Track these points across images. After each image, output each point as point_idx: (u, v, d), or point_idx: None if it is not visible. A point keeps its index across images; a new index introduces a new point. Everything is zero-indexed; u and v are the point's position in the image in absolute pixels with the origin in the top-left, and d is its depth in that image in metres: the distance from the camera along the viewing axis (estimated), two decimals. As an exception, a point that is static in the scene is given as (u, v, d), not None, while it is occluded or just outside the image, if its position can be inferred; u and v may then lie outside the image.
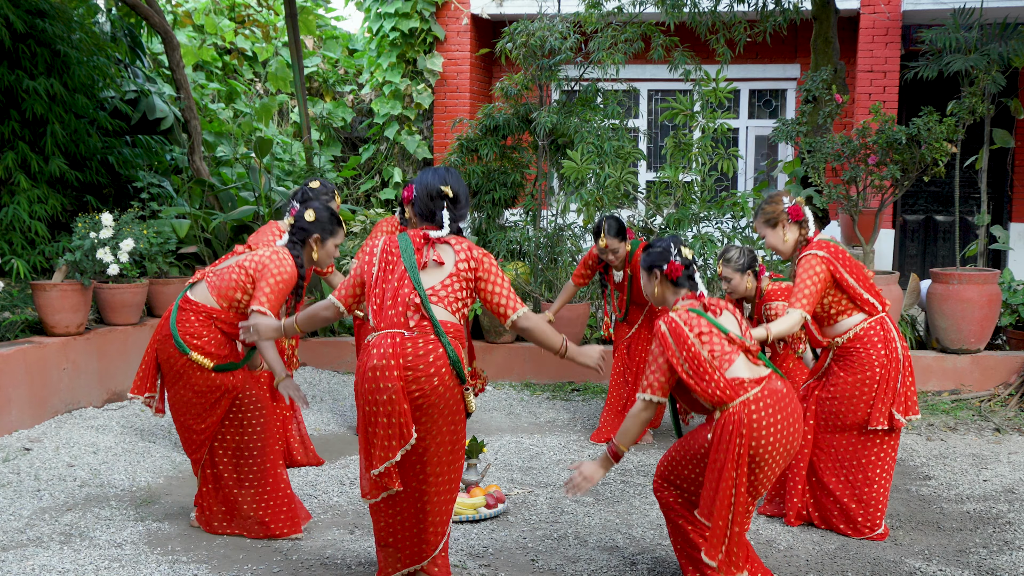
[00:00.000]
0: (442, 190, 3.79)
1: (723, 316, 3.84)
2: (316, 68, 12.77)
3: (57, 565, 4.14)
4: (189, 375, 4.31)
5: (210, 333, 4.31)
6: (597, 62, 8.17)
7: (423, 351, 3.59)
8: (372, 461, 3.60)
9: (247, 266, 4.32)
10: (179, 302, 4.38)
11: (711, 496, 3.66)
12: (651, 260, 3.95)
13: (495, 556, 4.35)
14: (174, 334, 4.30)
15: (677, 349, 3.72)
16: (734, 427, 3.63)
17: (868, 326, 4.56)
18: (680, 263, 3.89)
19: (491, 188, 8.90)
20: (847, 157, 7.43)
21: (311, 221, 4.41)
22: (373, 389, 3.58)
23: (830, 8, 8.00)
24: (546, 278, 8.05)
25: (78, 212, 7.84)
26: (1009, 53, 7.53)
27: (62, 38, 7.81)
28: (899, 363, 4.57)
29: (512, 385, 7.72)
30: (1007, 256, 10.84)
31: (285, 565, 4.22)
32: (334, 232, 4.48)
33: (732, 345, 3.75)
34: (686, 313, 3.79)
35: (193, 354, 4.27)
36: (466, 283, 3.73)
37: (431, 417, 3.61)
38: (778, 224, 4.60)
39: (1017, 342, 7.49)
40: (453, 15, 11.77)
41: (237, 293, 4.32)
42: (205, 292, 4.36)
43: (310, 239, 4.42)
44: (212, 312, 4.32)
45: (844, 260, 4.54)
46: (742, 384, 3.68)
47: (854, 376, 4.56)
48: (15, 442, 5.74)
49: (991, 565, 4.28)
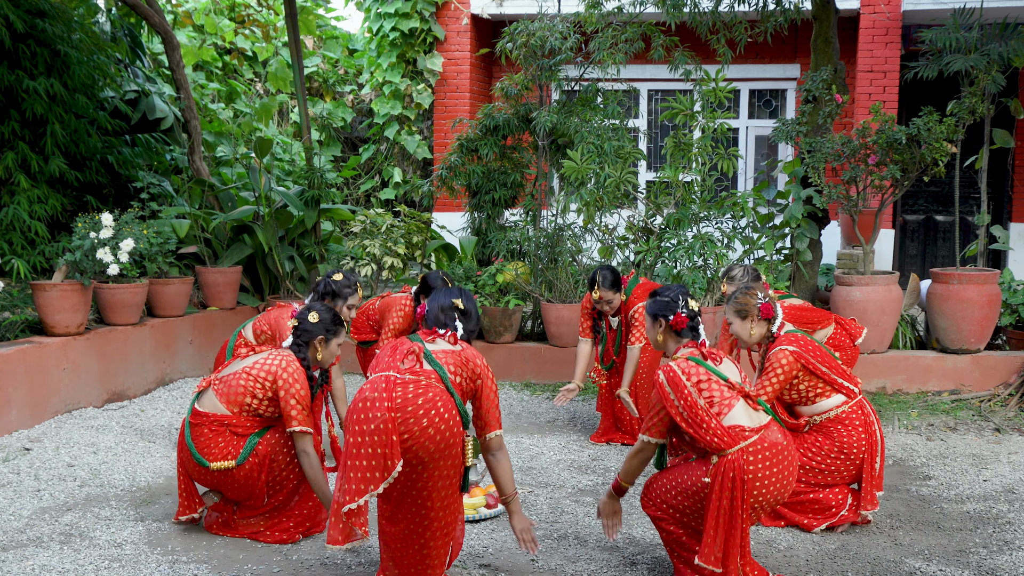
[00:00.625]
0: (454, 303, 3.90)
1: (723, 364, 3.93)
2: (316, 68, 12.78)
3: (57, 565, 4.14)
4: (221, 477, 4.42)
5: (225, 440, 4.40)
6: (598, 62, 8.17)
7: (412, 394, 3.55)
8: (344, 496, 3.50)
9: (254, 373, 4.39)
10: (189, 417, 4.46)
11: (718, 542, 3.69)
12: (657, 309, 4.07)
13: (495, 556, 4.35)
14: (192, 452, 4.40)
15: (675, 398, 3.79)
16: (735, 474, 3.70)
17: (850, 410, 4.69)
18: (686, 316, 4.01)
19: (491, 188, 8.90)
20: (847, 157, 7.43)
21: (314, 323, 4.50)
22: (361, 420, 3.52)
23: (830, 8, 8.00)
24: (546, 278, 8.05)
25: (78, 212, 7.84)
26: (1009, 53, 7.53)
27: (62, 38, 7.81)
28: (877, 446, 4.70)
29: (512, 385, 7.72)
30: (1007, 256, 10.84)
31: (285, 565, 4.22)
32: (336, 333, 4.57)
33: (732, 391, 3.83)
34: (685, 362, 3.87)
35: (213, 464, 4.37)
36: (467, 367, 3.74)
37: (422, 460, 3.55)
38: (748, 317, 4.69)
39: (1017, 342, 7.49)
40: (453, 15, 11.77)
41: (246, 398, 4.40)
42: (214, 401, 4.44)
43: (314, 340, 4.50)
44: (224, 419, 4.40)
45: (813, 352, 4.67)
46: (741, 432, 3.75)
47: (831, 445, 4.68)
48: (15, 442, 5.74)
49: (991, 565, 4.28)
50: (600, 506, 4.12)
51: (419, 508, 3.63)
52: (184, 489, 4.56)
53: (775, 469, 3.77)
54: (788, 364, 4.59)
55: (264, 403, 4.41)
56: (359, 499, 3.49)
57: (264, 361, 4.42)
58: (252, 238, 8.71)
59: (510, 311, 7.81)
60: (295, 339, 4.50)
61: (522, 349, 7.87)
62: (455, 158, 9.07)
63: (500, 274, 7.96)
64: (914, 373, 7.32)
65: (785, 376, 4.61)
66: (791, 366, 4.60)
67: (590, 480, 5.48)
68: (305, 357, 4.49)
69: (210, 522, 4.60)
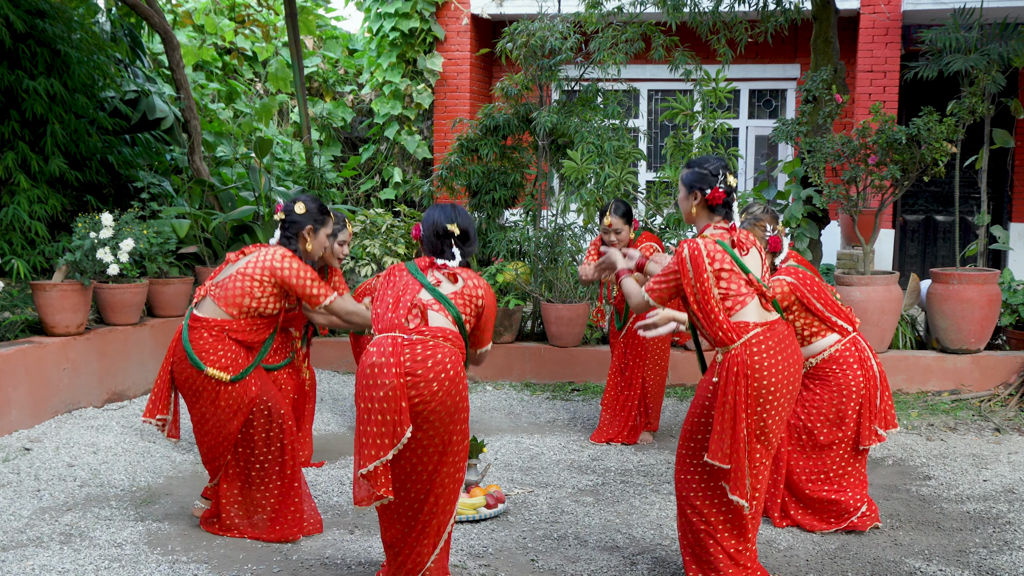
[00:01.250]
0: (448, 228, 3.80)
1: (749, 255, 3.80)
2: (316, 68, 12.77)
3: (57, 565, 4.14)
4: (208, 391, 4.34)
5: (224, 347, 4.33)
6: (598, 62, 8.17)
7: (421, 356, 3.58)
8: (361, 460, 3.58)
9: (249, 272, 4.34)
10: (188, 321, 4.40)
11: (724, 436, 3.63)
12: (693, 180, 3.89)
13: (495, 556, 4.35)
14: (189, 353, 4.32)
15: (693, 277, 3.70)
16: (739, 368, 3.64)
17: (843, 347, 4.66)
18: (723, 191, 3.83)
19: (491, 188, 8.90)
20: (847, 157, 7.43)
21: (302, 213, 4.47)
22: (370, 386, 3.57)
23: (830, 8, 8.00)
24: (546, 278, 8.05)
25: (78, 212, 7.84)
26: (1009, 53, 7.53)
27: (62, 38, 7.81)
28: (875, 380, 4.66)
29: (512, 385, 7.72)
30: (1007, 256, 10.84)
31: (285, 565, 4.22)
32: (324, 222, 4.56)
33: (749, 287, 3.73)
34: (713, 244, 3.73)
35: (209, 370, 4.30)
36: (472, 304, 3.74)
37: (431, 423, 3.60)
38: None
39: (1017, 342, 7.49)
40: (453, 15, 11.77)
41: (245, 299, 4.34)
42: (213, 306, 4.37)
43: (302, 231, 4.47)
44: (224, 324, 4.34)
45: (810, 286, 4.63)
46: (746, 327, 3.69)
47: (831, 394, 4.64)
48: (15, 442, 5.74)
49: (991, 565, 4.28)
50: (607, 259, 4.23)
51: (426, 468, 3.66)
52: (158, 391, 4.47)
53: (779, 357, 3.70)
54: (782, 292, 4.54)
55: (265, 299, 4.35)
56: (370, 465, 3.54)
57: (257, 259, 4.36)
58: (252, 238, 8.71)
59: (510, 311, 7.81)
60: (283, 232, 4.47)
61: (522, 349, 7.87)
62: (455, 158, 9.07)
63: (500, 274, 7.96)
64: (914, 373, 7.31)
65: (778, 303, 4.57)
66: (784, 295, 4.54)
67: (590, 480, 5.48)
68: (296, 249, 4.45)
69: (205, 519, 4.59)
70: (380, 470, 3.57)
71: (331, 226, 4.62)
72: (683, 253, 3.73)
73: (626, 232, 6.00)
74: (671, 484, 5.41)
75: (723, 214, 3.87)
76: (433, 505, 3.71)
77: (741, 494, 3.67)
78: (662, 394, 6.26)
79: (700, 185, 3.86)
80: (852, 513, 4.63)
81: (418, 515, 3.71)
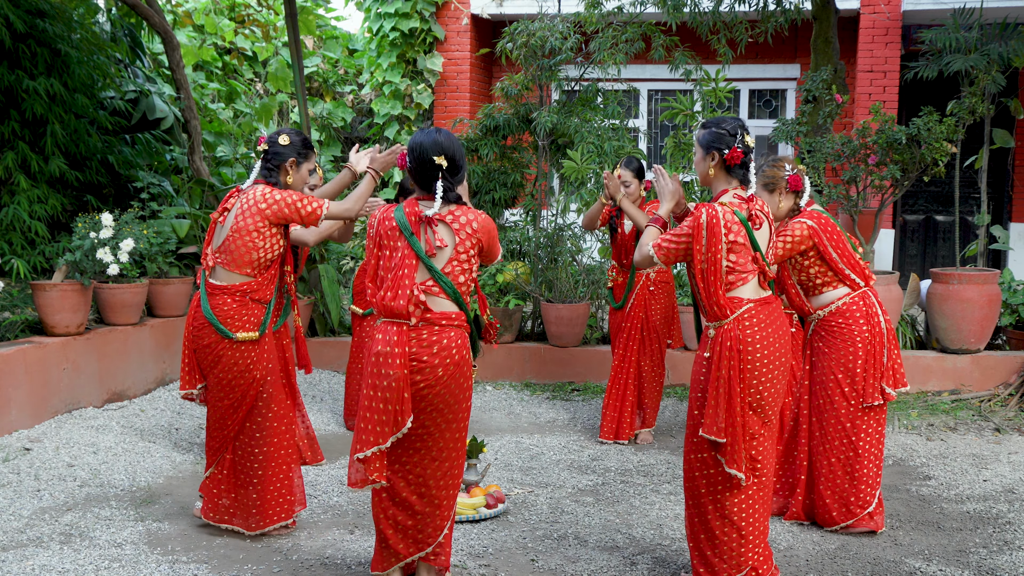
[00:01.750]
0: (435, 161, 3.64)
1: (761, 229, 3.77)
2: (316, 68, 12.77)
3: (57, 565, 4.14)
4: (228, 357, 4.36)
5: (247, 310, 4.35)
6: (599, 62, 8.17)
7: (427, 342, 3.62)
8: (360, 445, 3.62)
9: (242, 225, 4.29)
10: (205, 289, 4.36)
11: (719, 410, 3.63)
12: (711, 140, 3.82)
13: (495, 556, 4.35)
14: (213, 322, 4.31)
15: (706, 244, 3.66)
16: (731, 343, 3.65)
17: (851, 300, 4.60)
18: (742, 151, 3.78)
19: (491, 188, 8.90)
20: (847, 157, 7.43)
21: (285, 145, 4.42)
22: (376, 374, 3.62)
23: (830, 8, 8.00)
24: (546, 278, 8.05)
25: (78, 212, 7.84)
26: (1009, 53, 7.53)
27: (62, 38, 7.80)
28: (883, 337, 4.60)
29: (512, 385, 7.72)
30: (1007, 256, 10.84)
31: (285, 565, 4.22)
32: (307, 156, 4.51)
33: (754, 265, 3.73)
34: (731, 214, 3.69)
35: (239, 334, 4.32)
36: (468, 263, 3.68)
37: (436, 406, 3.66)
38: (776, 190, 4.56)
39: (1017, 342, 7.49)
40: (453, 15, 11.77)
41: (253, 253, 4.32)
42: (227, 273, 4.36)
43: (285, 163, 4.44)
44: (244, 287, 4.33)
45: (830, 234, 4.56)
46: (740, 302, 3.69)
47: (837, 352, 4.60)
48: (15, 442, 5.74)
49: (991, 565, 4.28)
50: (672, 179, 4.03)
51: (427, 451, 3.71)
52: (188, 363, 4.48)
53: (770, 330, 3.70)
54: (800, 235, 4.49)
55: (271, 242, 4.32)
56: (368, 450, 3.59)
57: (241, 209, 4.31)
58: (252, 238, 8.70)
59: (510, 311, 7.81)
60: (264, 163, 4.42)
61: (522, 349, 7.87)
62: (455, 158, 9.05)
63: (500, 274, 7.96)
64: (914, 373, 7.31)
65: (793, 246, 4.50)
66: (802, 237, 4.49)
67: (590, 480, 5.48)
68: (276, 182, 4.41)
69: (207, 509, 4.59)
70: (376, 455, 3.61)
71: (313, 161, 4.55)
72: (701, 218, 3.67)
73: (635, 187, 6.02)
74: (671, 484, 5.41)
75: (741, 176, 3.81)
76: (437, 483, 3.74)
77: (737, 467, 3.66)
78: (660, 390, 6.27)
79: (718, 145, 3.79)
80: (858, 511, 4.59)
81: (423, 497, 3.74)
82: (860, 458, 4.61)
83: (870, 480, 4.62)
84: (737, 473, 3.66)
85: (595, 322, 8.05)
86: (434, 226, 3.65)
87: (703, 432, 3.68)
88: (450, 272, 3.65)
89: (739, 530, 3.77)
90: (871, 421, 4.64)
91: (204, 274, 4.45)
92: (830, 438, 4.65)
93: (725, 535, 3.78)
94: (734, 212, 3.70)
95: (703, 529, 3.84)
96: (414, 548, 3.80)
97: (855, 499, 4.60)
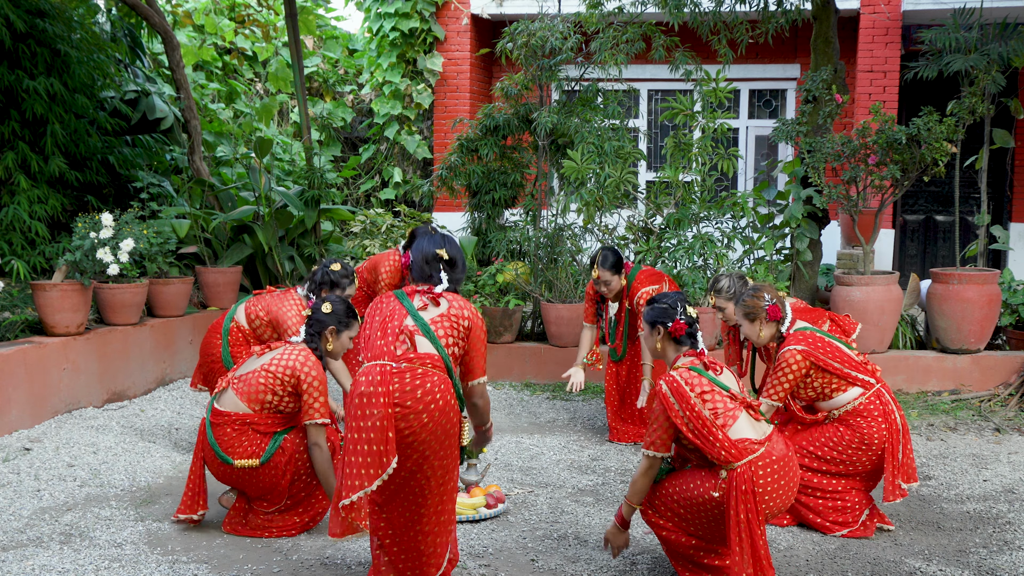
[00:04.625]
0: (438, 254, 3.82)
1: (723, 375, 3.91)
2: (316, 68, 12.77)
3: (57, 565, 4.14)
4: (244, 475, 4.46)
5: (248, 438, 4.44)
6: (599, 63, 8.17)
7: (410, 386, 3.55)
8: (344, 491, 3.54)
9: (273, 370, 4.41)
10: (210, 417, 4.49)
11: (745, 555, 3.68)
12: (655, 316, 4.04)
13: (495, 556, 4.35)
14: (216, 450, 4.43)
15: (680, 408, 3.78)
16: (747, 487, 3.70)
17: (867, 401, 4.65)
18: (684, 322, 3.97)
19: (491, 188, 8.90)
20: (847, 157, 7.42)
21: (327, 313, 4.54)
22: (358, 416, 3.54)
23: (830, 8, 7.99)
24: (546, 278, 8.05)
25: (78, 212, 7.84)
26: (1009, 53, 7.53)
27: (62, 38, 7.81)
28: (899, 434, 4.64)
29: (512, 385, 7.72)
30: (1007, 256, 10.84)
31: (285, 565, 4.22)
32: (349, 325, 4.60)
33: (734, 402, 3.82)
34: (687, 372, 3.84)
35: (238, 462, 4.42)
36: (457, 327, 3.69)
37: (421, 453, 3.58)
38: (756, 320, 4.70)
39: (1017, 342, 7.49)
40: (453, 15, 11.77)
41: (267, 396, 4.43)
42: (234, 400, 4.46)
43: (326, 331, 4.54)
44: (245, 418, 4.43)
45: (823, 348, 4.64)
46: (750, 445, 3.75)
47: (852, 436, 4.64)
48: (15, 442, 5.74)
49: (991, 565, 4.28)
50: (609, 537, 4.07)
51: (416, 497, 3.64)
52: (192, 488, 4.56)
53: (782, 482, 3.78)
54: (797, 364, 4.58)
55: (285, 399, 4.44)
56: (353, 495, 3.52)
57: (282, 357, 4.44)
58: (252, 238, 8.71)
59: (510, 311, 7.81)
60: (308, 330, 4.54)
61: (522, 349, 7.87)
62: (455, 158, 9.06)
63: (500, 274, 7.96)
64: (914, 373, 7.31)
65: (795, 376, 4.60)
66: (799, 365, 4.58)
67: (590, 480, 5.49)
68: (317, 347, 4.52)
69: (230, 521, 4.60)
70: (362, 500, 3.55)
71: (355, 329, 4.64)
72: (663, 390, 3.82)
73: (616, 282, 5.97)
74: (671, 484, 5.41)
75: (688, 344, 4.00)
76: (427, 529, 3.69)
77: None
78: None
79: (662, 319, 4.02)
80: (857, 513, 4.62)
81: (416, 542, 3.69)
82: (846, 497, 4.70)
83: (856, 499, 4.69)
84: None
85: (595, 322, 8.05)
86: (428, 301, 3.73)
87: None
88: (438, 323, 3.67)
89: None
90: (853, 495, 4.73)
91: (214, 394, 4.56)
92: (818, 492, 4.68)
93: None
94: (690, 368, 3.86)
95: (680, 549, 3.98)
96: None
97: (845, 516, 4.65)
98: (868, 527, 4.64)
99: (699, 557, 3.96)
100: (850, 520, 4.64)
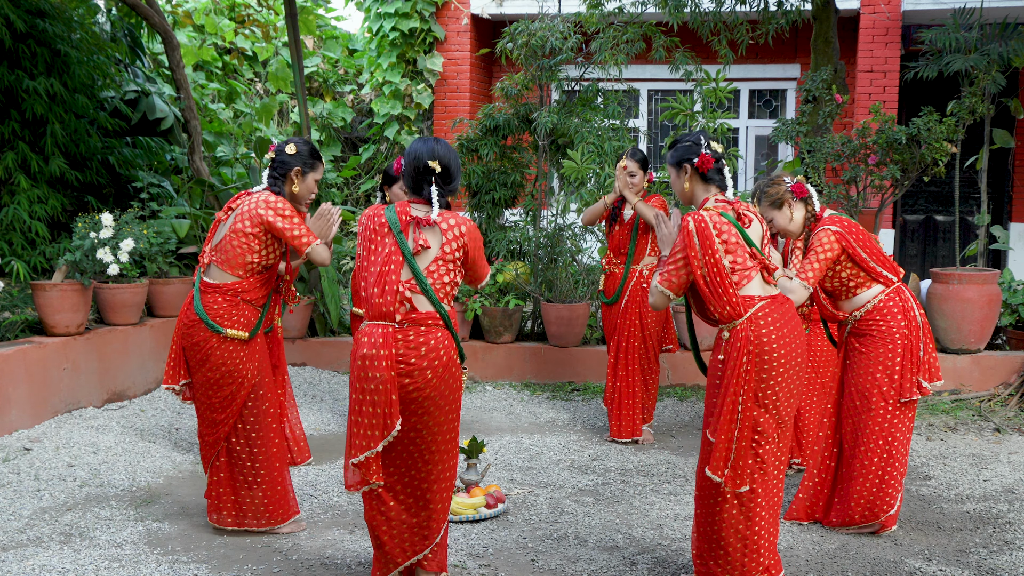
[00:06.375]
0: (430, 165, 3.67)
1: (752, 227, 3.76)
2: (316, 68, 12.77)
3: (57, 565, 4.14)
4: (217, 355, 4.39)
5: (238, 310, 4.40)
6: (599, 63, 8.17)
7: (414, 344, 3.59)
8: (352, 450, 3.61)
9: (241, 228, 4.35)
10: (199, 287, 4.43)
11: (717, 411, 3.63)
12: (680, 154, 3.85)
13: (495, 556, 4.35)
14: (204, 318, 4.36)
15: (700, 251, 3.64)
16: (742, 343, 3.62)
17: (887, 297, 4.55)
18: (711, 155, 3.79)
19: (491, 188, 8.90)
20: (847, 157, 7.42)
21: (292, 154, 4.45)
22: (362, 378, 3.59)
23: (830, 8, 8.00)
24: (546, 278, 8.05)
25: (78, 212, 7.84)
26: (1009, 53, 7.53)
27: (62, 38, 7.80)
28: (919, 331, 4.56)
29: (512, 385, 7.72)
30: (1007, 256, 10.84)
31: (285, 565, 4.22)
32: (314, 166, 4.53)
33: (754, 261, 3.70)
34: (717, 216, 3.68)
35: (229, 331, 4.37)
36: (453, 265, 3.68)
37: (426, 409, 3.63)
38: (783, 204, 4.54)
39: (1017, 342, 7.49)
40: (453, 15, 11.77)
41: (247, 256, 4.37)
42: (219, 272, 4.41)
43: (291, 172, 4.46)
44: (235, 287, 4.39)
45: (857, 235, 4.52)
46: (752, 301, 3.66)
47: (875, 350, 4.54)
48: (15, 442, 5.74)
49: (991, 565, 4.28)
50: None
51: (423, 453, 3.69)
52: (175, 358, 4.52)
53: (785, 330, 3.66)
54: (831, 244, 4.42)
55: (265, 251, 4.39)
56: (360, 455, 3.59)
57: (244, 211, 4.37)
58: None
59: (510, 311, 7.81)
60: (271, 171, 4.45)
61: (522, 349, 7.87)
62: (455, 158, 9.05)
63: (500, 274, 7.96)
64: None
65: (827, 258, 4.43)
66: (832, 247, 4.43)
67: (590, 480, 5.49)
68: (281, 191, 4.44)
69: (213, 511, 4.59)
70: (371, 459, 3.61)
71: (320, 171, 4.57)
72: (688, 226, 3.66)
73: (640, 178, 6.10)
74: (671, 484, 5.42)
75: (718, 182, 3.81)
76: (431, 487, 3.73)
77: (717, 471, 3.63)
78: (656, 385, 6.27)
79: (686, 156, 3.82)
80: (882, 513, 4.56)
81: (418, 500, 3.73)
82: (893, 460, 4.56)
83: (896, 484, 4.59)
84: (715, 477, 3.64)
85: (595, 322, 8.05)
86: (421, 227, 3.66)
87: (709, 434, 3.67)
88: (434, 271, 3.64)
89: (744, 540, 3.73)
90: (905, 420, 4.60)
91: (199, 271, 4.50)
92: (868, 440, 4.56)
93: (731, 546, 3.74)
94: (720, 214, 3.70)
95: (709, 538, 3.80)
96: (411, 552, 3.79)
97: (880, 501, 4.57)
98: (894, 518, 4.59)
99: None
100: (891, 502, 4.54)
